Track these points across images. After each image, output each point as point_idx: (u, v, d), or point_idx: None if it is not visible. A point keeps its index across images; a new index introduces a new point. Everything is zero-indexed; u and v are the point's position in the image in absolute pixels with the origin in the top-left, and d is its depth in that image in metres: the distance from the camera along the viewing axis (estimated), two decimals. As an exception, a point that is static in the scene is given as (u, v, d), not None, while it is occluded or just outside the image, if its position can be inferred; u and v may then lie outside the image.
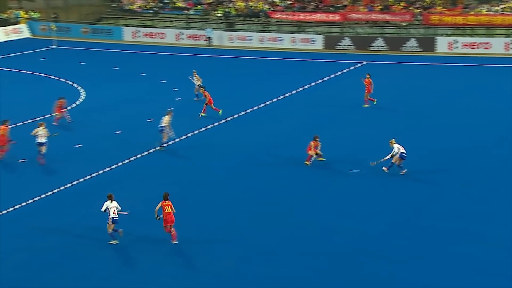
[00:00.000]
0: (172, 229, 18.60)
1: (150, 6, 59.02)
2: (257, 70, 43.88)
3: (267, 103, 34.36)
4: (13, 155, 25.78)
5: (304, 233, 19.51)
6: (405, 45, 49.47)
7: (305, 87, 37.97)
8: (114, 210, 18.54)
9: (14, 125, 27.75)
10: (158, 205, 18.62)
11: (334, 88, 35.59)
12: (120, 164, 25.13)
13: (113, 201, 18.73)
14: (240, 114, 32.22)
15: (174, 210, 18.54)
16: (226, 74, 42.13)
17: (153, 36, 54.69)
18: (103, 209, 18.70)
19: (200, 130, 29.45)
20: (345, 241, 18.98)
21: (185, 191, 22.60)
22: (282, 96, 35.74)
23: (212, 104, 31.14)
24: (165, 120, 26.74)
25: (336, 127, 29.97)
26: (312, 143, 24.88)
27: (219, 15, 56.60)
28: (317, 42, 51.04)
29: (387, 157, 23.82)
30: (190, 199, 21.95)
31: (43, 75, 40.79)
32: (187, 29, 55.47)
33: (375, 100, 33.17)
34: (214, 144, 27.64)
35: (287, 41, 51.73)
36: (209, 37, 52.94)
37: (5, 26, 54.43)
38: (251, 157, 26.01)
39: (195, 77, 35.24)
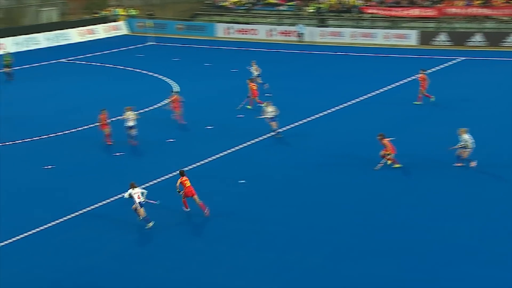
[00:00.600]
0: (200, 201, 19.99)
1: (243, 2, 59.49)
2: (349, 66, 43.29)
3: (359, 99, 33.82)
4: (109, 146, 26.64)
5: (397, 232, 19.03)
6: (505, 40, 47.37)
7: (399, 83, 37.10)
8: (138, 195, 19.51)
9: (113, 119, 28.62)
10: (178, 182, 20.04)
11: (429, 85, 34.43)
12: (212, 158, 25.44)
13: (136, 188, 19.63)
14: (333, 110, 31.87)
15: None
16: (317, 70, 41.82)
17: (245, 33, 55.08)
18: (126, 196, 19.60)
19: (291, 126, 29.33)
20: (434, 239, 18.35)
21: (278, 186, 22.59)
22: (375, 92, 35.08)
23: (257, 97, 31.22)
24: (270, 109, 27.47)
25: (427, 125, 29.06)
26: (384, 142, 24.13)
27: (311, 11, 56.28)
28: (411, 38, 49.76)
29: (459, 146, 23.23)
30: (281, 194, 21.91)
31: (139, 70, 41.92)
32: (278, 25, 55.51)
33: (433, 97, 31.94)
34: (308, 137, 27.52)
35: (380, 37, 50.75)
36: (300, 33, 52.74)
37: (105, 23, 56.37)
38: (338, 153, 25.64)
39: (253, 67, 35.54)
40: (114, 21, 57.79)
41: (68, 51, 47.75)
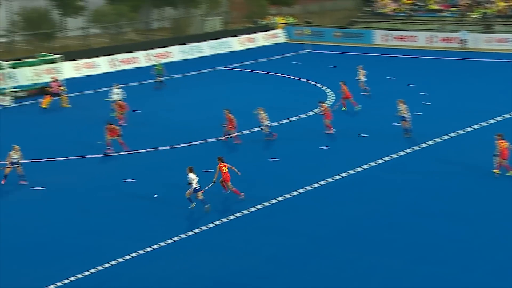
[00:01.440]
0: (233, 187, 21.97)
1: (402, 9, 58.47)
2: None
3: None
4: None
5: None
6: None
7: None
8: (196, 182, 21.29)
9: (274, 124, 29.42)
10: (217, 169, 21.87)
11: None
12: (368, 165, 25.38)
13: (193, 173, 21.28)
14: (500, 118, 30.47)
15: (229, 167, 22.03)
16: (481, 78, 40.13)
17: (404, 40, 54.07)
18: (190, 182, 21.21)
19: (454, 134, 28.47)
20: None
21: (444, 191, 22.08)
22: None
23: (351, 99, 32.48)
24: (403, 108, 28.09)
25: None
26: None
27: (476, 16, 54.01)
28: None
29: None
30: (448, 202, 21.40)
31: (294, 77, 42.63)
32: (440, 31, 53.88)
33: None
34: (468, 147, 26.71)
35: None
36: (463, 40, 50.82)
37: (264, 31, 58.01)
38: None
39: (360, 72, 36.20)
40: (273, 29, 59.25)
41: (229, 59, 49.68)
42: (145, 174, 25.24)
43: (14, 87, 36.85)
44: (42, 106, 34.74)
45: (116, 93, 33.58)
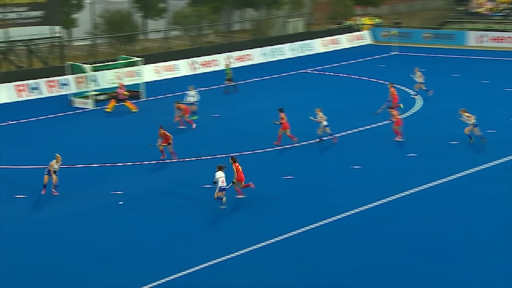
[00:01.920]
0: (243, 184, 22.61)
1: (500, 8, 56.48)
2: None
3: None
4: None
5: None
6: None
7: None
8: (223, 180, 21.85)
9: (354, 130, 28.96)
10: (234, 169, 22.51)
11: None
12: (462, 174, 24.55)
13: (221, 171, 21.88)
14: None
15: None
16: None
17: (501, 41, 52.21)
18: (215, 181, 21.83)
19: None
20: None
21: None
22: None
23: (397, 102, 32.67)
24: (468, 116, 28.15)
25: None
26: None
27: None
28: None
29: None
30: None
31: (380, 81, 41.86)
32: (540, 32, 51.72)
33: None
34: None
35: None
36: None
37: (349, 33, 57.35)
38: None
39: (417, 74, 36.40)
40: (358, 30, 58.49)
41: (312, 61, 49.37)
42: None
43: (96, 90, 37.91)
44: (107, 110, 35.59)
45: (191, 96, 33.98)
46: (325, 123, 28.98)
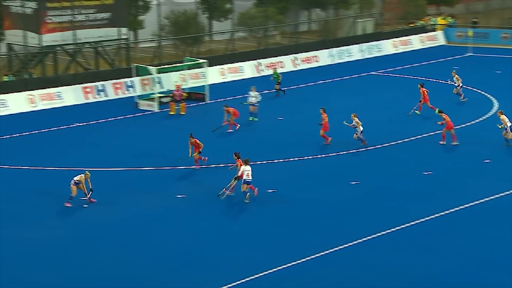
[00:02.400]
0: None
1: None
2: None
3: None
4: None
5: None
6: None
7: None
8: (248, 173, 22.76)
9: (431, 133, 28.49)
10: (239, 166, 23.34)
11: None
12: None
13: (248, 165, 22.84)
14: None
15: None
16: None
17: None
18: (240, 175, 22.81)
19: None
20: None
21: None
22: None
23: (428, 103, 33.10)
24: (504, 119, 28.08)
25: None
26: None
27: None
28: None
29: None
30: None
31: (454, 84, 41.04)
32: None
33: None
34: None
35: None
36: None
37: (421, 33, 56.48)
38: None
39: (454, 77, 36.79)
40: (431, 31, 57.53)
41: (380, 63, 48.89)
42: (289, 184, 25.36)
43: (160, 93, 38.63)
44: (171, 113, 36.22)
45: (254, 96, 34.26)
46: (361, 128, 28.86)
